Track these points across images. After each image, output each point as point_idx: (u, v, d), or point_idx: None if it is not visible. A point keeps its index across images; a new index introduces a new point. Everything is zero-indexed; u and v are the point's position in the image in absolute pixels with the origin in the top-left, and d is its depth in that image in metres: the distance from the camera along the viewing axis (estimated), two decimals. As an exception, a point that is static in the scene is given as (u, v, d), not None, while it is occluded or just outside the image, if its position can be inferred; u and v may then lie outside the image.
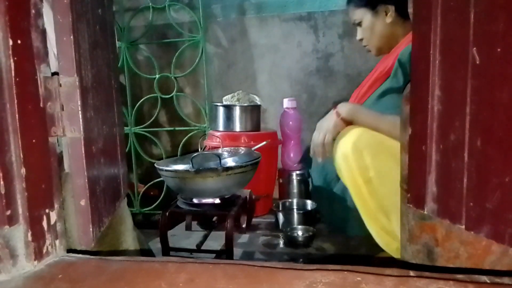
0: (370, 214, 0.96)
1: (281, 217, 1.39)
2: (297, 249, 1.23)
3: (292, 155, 1.64)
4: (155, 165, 1.18)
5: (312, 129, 1.80)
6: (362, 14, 1.15)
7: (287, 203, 1.51)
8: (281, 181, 1.65)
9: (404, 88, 0.97)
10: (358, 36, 1.22)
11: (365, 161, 0.93)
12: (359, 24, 1.18)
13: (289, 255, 1.19)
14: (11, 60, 0.61)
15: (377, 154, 0.93)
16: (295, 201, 1.52)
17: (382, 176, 0.92)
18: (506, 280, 0.52)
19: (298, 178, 1.57)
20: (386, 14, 1.11)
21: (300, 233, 1.31)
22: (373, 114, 1.02)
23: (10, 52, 0.61)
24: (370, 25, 1.14)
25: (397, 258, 0.88)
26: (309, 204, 1.47)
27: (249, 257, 1.19)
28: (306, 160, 1.53)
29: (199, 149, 1.41)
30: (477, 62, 0.52)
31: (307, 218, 1.38)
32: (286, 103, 1.64)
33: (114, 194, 0.92)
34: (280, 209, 1.46)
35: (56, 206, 0.71)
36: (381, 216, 0.95)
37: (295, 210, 1.48)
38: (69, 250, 0.74)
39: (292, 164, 1.63)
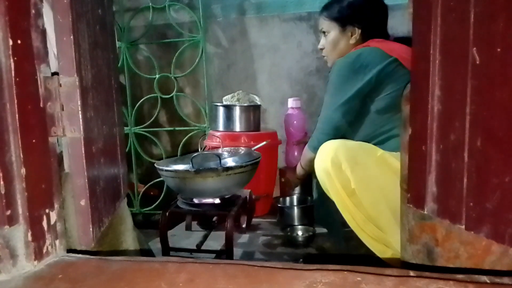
0: (359, 226, 0.98)
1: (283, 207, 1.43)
2: (297, 249, 1.23)
3: (296, 154, 1.64)
4: (155, 165, 1.18)
5: (312, 129, 1.81)
6: (331, 27, 1.18)
7: (288, 199, 1.54)
8: (282, 180, 1.65)
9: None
10: (320, 45, 1.25)
11: (345, 175, 0.95)
12: (325, 33, 1.21)
13: (289, 255, 1.19)
14: (11, 60, 0.61)
15: (355, 165, 0.95)
16: (295, 197, 1.54)
17: (363, 187, 0.94)
18: (506, 280, 0.52)
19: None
20: (352, 35, 1.14)
21: (300, 233, 1.31)
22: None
23: (10, 52, 0.61)
24: (335, 40, 1.17)
25: (393, 266, 0.88)
26: (310, 200, 1.48)
27: (249, 257, 1.19)
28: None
29: (199, 149, 1.41)
30: (477, 62, 0.52)
31: (307, 211, 1.40)
32: (291, 102, 1.64)
33: (114, 194, 0.92)
34: (282, 203, 1.49)
35: (56, 206, 0.71)
36: (370, 226, 0.96)
37: (295, 204, 1.50)
38: (69, 250, 0.74)
39: (297, 163, 1.63)
